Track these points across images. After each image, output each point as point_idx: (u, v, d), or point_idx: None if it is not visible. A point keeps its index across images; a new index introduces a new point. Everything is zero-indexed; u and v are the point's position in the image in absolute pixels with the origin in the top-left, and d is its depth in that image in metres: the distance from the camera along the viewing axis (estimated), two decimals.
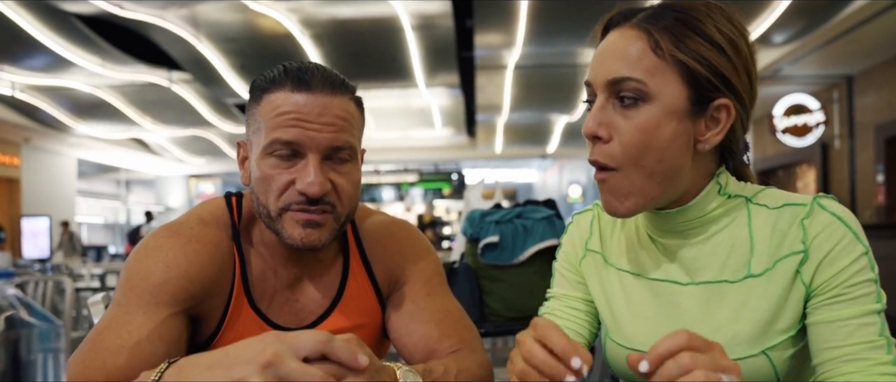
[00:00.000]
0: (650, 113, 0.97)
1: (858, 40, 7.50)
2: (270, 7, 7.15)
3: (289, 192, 1.13)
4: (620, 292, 1.14)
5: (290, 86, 1.14)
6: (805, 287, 0.98)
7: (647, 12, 1.00)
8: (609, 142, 0.99)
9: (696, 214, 1.04)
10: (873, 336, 0.94)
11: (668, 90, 0.97)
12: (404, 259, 1.33)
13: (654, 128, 0.97)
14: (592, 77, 1.01)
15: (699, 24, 0.98)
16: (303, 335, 0.81)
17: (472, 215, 3.14)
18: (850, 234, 0.97)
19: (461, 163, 20.55)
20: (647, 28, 0.98)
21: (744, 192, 1.07)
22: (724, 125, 1.00)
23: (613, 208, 1.02)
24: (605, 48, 1.02)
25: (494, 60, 9.13)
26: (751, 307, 1.00)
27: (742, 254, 1.03)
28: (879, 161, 8.49)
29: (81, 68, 9.04)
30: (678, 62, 0.96)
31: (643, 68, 0.96)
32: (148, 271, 1.12)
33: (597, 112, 1.00)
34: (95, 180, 20.97)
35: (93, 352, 1.04)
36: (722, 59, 0.98)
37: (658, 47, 0.97)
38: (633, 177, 0.99)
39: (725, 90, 0.98)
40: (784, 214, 1.01)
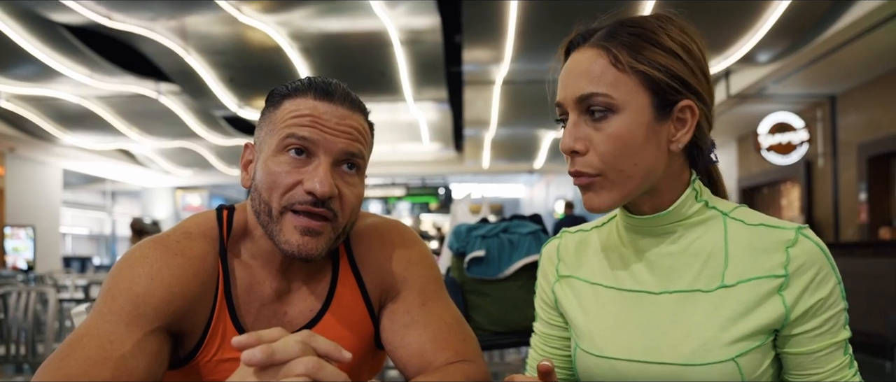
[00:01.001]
0: (620, 122, 1.04)
1: (842, 60, 7.58)
2: (260, 20, 7.15)
3: (295, 191, 1.13)
4: (595, 304, 1.17)
5: (312, 94, 1.17)
6: (785, 308, 1.03)
7: (604, 31, 1.08)
8: (586, 154, 1.06)
9: (675, 218, 1.10)
10: (840, 359, 1.05)
11: (633, 99, 1.04)
12: (397, 265, 1.31)
13: (627, 135, 1.04)
14: (562, 97, 1.09)
15: (652, 36, 1.06)
16: (287, 346, 0.82)
17: (458, 229, 3.15)
18: (828, 265, 1.05)
19: (448, 178, 20.56)
20: (605, 45, 1.05)
21: (721, 207, 1.13)
22: (691, 124, 1.07)
23: (594, 204, 1.08)
24: (569, 69, 1.09)
25: (482, 75, 9.16)
26: (722, 316, 1.05)
27: (716, 265, 1.08)
28: (862, 179, 8.57)
29: (69, 78, 8.99)
30: (638, 72, 1.04)
31: (607, 82, 1.04)
32: (131, 281, 1.11)
33: (571, 129, 1.07)
34: (81, 191, 20.85)
35: (72, 359, 1.01)
36: (678, 63, 1.05)
37: (618, 61, 1.04)
38: (613, 179, 1.06)
39: (686, 92, 1.06)
40: (763, 234, 1.07)
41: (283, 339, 0.83)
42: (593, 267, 1.20)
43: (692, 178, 1.11)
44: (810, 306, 1.03)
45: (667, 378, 1.06)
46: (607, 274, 1.18)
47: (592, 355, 1.14)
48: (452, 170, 17.87)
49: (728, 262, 1.07)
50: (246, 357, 0.79)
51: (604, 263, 1.19)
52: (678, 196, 1.10)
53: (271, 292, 1.23)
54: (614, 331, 1.13)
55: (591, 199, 1.08)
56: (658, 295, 1.10)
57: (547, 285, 1.27)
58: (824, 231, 9.53)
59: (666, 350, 1.07)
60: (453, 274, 3.11)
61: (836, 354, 1.04)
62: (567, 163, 1.10)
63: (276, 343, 0.82)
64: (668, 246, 1.11)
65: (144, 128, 12.36)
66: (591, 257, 1.22)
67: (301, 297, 1.25)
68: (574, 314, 1.20)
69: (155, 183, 19.26)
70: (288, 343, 0.82)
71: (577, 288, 1.21)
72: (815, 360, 1.04)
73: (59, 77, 8.97)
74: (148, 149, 14.98)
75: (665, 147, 1.07)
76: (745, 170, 11.63)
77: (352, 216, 1.20)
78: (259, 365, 0.80)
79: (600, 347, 1.13)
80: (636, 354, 1.09)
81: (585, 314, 1.18)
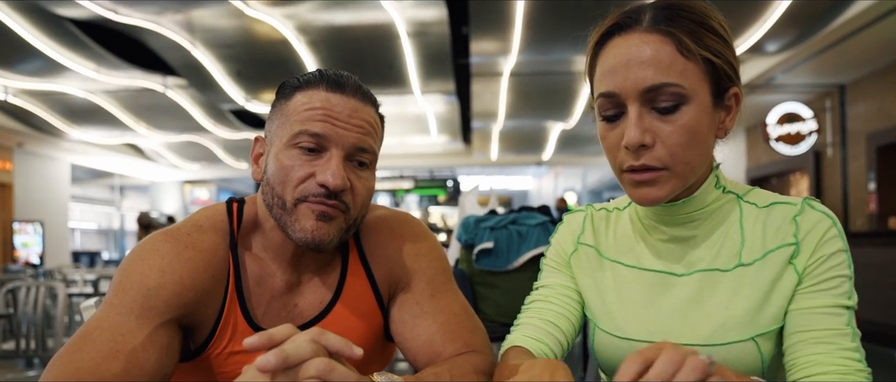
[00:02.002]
0: (691, 113, 1.00)
1: (851, 50, 7.54)
2: (266, 13, 7.15)
3: (307, 183, 1.13)
4: (612, 283, 1.17)
5: (324, 86, 1.16)
6: (798, 275, 1.03)
7: (660, 14, 1.02)
8: (653, 147, 1.01)
9: (697, 206, 1.09)
10: (841, 326, 0.99)
11: (700, 88, 1.01)
12: (407, 257, 1.31)
13: (696, 126, 1.01)
14: (619, 87, 1.01)
15: (707, 21, 1.02)
16: (299, 348, 0.82)
17: (466, 221, 3.15)
18: (835, 230, 1.04)
19: (456, 170, 20.54)
20: (670, 31, 1.00)
21: (736, 190, 1.13)
22: (735, 111, 1.08)
23: (652, 197, 1.03)
24: (628, 56, 1.01)
25: (490, 67, 9.14)
26: (742, 294, 1.05)
27: (733, 246, 1.08)
28: (871, 169, 8.53)
29: (76, 73, 9.02)
30: (704, 60, 1.00)
31: (677, 72, 0.99)
32: (143, 274, 1.11)
33: (637, 121, 1.00)
34: (89, 185, 20.92)
35: (83, 352, 1.01)
36: (728, 50, 1.04)
37: (686, 49, 0.99)
38: (678, 171, 1.02)
39: (736, 78, 1.06)
40: (773, 212, 1.08)
41: (295, 339, 0.83)
42: (615, 245, 1.20)
43: (715, 164, 1.12)
44: (813, 261, 1.02)
45: None
46: (629, 253, 1.17)
47: (613, 335, 1.14)
48: (461, 162, 17.85)
49: (744, 242, 1.07)
50: (260, 364, 0.78)
51: (626, 243, 1.19)
52: (701, 183, 1.09)
53: (282, 284, 1.23)
54: (635, 312, 1.13)
55: (650, 193, 1.03)
56: (679, 277, 1.11)
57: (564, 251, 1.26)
58: None
59: (686, 330, 1.07)
60: (462, 265, 3.11)
61: (837, 319, 0.99)
62: (621, 157, 1.04)
63: (287, 345, 0.81)
64: (689, 230, 1.11)
65: (152, 122, 12.38)
66: (614, 235, 1.21)
67: (311, 289, 1.25)
68: (589, 293, 1.20)
69: (163, 177, 19.31)
70: (300, 344, 0.82)
71: (596, 268, 1.21)
72: (813, 317, 1.00)
73: (65, 72, 8.99)
74: (156, 144, 15.02)
75: (715, 135, 1.06)
76: (753, 161, 11.58)
77: (363, 208, 1.20)
78: (273, 370, 0.80)
79: (621, 328, 1.13)
80: (656, 335, 1.09)
81: (602, 293, 1.18)
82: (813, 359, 0.97)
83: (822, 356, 0.97)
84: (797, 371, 0.98)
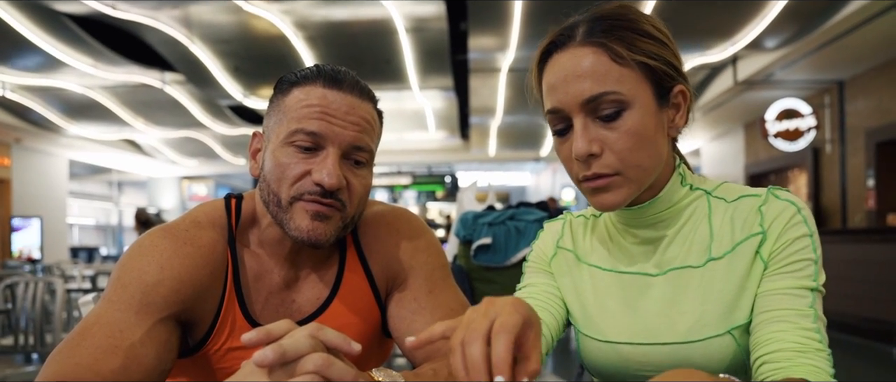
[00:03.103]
0: (634, 117, 1.02)
1: (850, 46, 7.54)
2: (264, 9, 7.14)
3: (303, 182, 1.13)
4: (590, 286, 1.19)
5: (321, 82, 1.16)
6: (764, 262, 1.05)
7: (590, 27, 1.05)
8: (602, 155, 1.03)
9: (664, 206, 1.12)
10: (803, 306, 1.00)
11: (640, 92, 1.03)
12: (404, 252, 1.31)
13: (641, 129, 1.03)
14: (562, 103, 1.04)
15: (638, 25, 1.05)
16: (298, 343, 0.82)
17: (465, 217, 3.15)
18: (799, 216, 1.05)
19: (454, 166, 20.54)
20: (601, 42, 1.03)
21: (704, 186, 1.15)
22: (684, 108, 1.09)
23: (609, 202, 1.06)
24: (565, 72, 1.04)
25: (488, 63, 9.14)
26: (715, 289, 1.07)
27: (703, 241, 1.10)
28: (870, 165, 8.53)
29: (73, 68, 9.00)
30: (639, 64, 1.02)
31: (614, 80, 1.01)
32: (141, 270, 1.11)
33: (583, 132, 1.03)
34: (87, 181, 20.91)
35: (82, 348, 1.01)
36: (665, 49, 1.06)
37: (618, 56, 1.01)
38: (630, 175, 1.04)
39: (678, 76, 1.07)
40: (740, 205, 1.10)
41: (293, 335, 0.83)
42: (592, 249, 1.22)
43: (677, 163, 1.14)
44: (778, 246, 1.03)
45: (668, 357, 1.07)
46: (605, 257, 1.19)
47: (596, 340, 1.15)
48: (458, 158, 17.86)
49: (713, 237, 1.09)
50: (258, 359, 0.78)
51: (602, 248, 1.21)
52: (666, 182, 1.11)
53: (280, 280, 1.24)
54: (614, 315, 1.14)
55: (607, 199, 1.05)
56: (654, 277, 1.12)
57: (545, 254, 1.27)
58: (832, 217, 9.51)
59: (664, 330, 1.08)
60: (460, 261, 3.11)
61: (800, 300, 1.00)
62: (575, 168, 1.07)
63: (285, 340, 0.81)
64: (660, 230, 1.13)
65: (150, 117, 12.37)
66: (591, 240, 1.23)
67: (309, 285, 1.25)
68: (569, 295, 1.22)
69: (161, 173, 19.30)
70: (298, 339, 0.82)
71: (574, 272, 1.22)
72: (775, 298, 1.01)
73: (63, 67, 8.98)
74: (154, 139, 15.01)
75: (666, 134, 1.08)
76: (752, 157, 11.59)
77: (360, 206, 1.20)
78: (271, 365, 0.80)
79: (603, 331, 1.14)
80: (637, 336, 1.11)
81: (581, 296, 1.19)
82: (773, 336, 0.97)
83: (782, 333, 0.97)
84: (758, 348, 0.98)
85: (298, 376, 0.80)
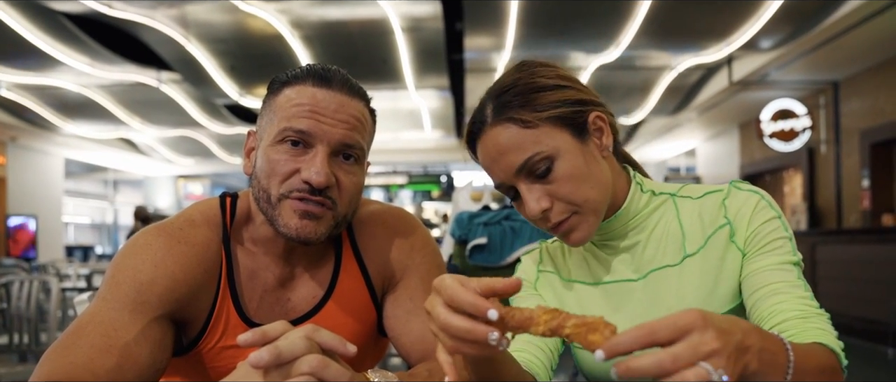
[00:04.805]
0: (565, 164, 1.09)
1: (845, 46, 7.55)
2: (260, 8, 7.13)
3: (292, 179, 1.14)
4: (575, 302, 1.23)
5: (311, 81, 1.17)
6: (740, 249, 1.12)
7: (495, 106, 1.12)
8: (552, 206, 1.10)
9: (631, 215, 1.18)
10: (793, 279, 1.06)
11: (559, 141, 1.09)
12: (400, 252, 1.31)
13: (576, 170, 1.09)
14: (501, 178, 1.13)
15: (535, 82, 1.12)
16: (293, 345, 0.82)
17: (460, 217, 3.15)
18: (764, 202, 1.13)
19: (450, 166, 20.53)
20: (507, 116, 1.10)
21: (668, 190, 1.22)
22: (606, 128, 1.15)
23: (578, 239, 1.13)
24: (490, 153, 1.12)
25: (484, 63, 9.14)
26: (693, 283, 1.13)
27: (676, 240, 1.17)
28: (865, 166, 8.55)
29: (69, 67, 8.98)
30: (546, 120, 1.09)
31: (531, 143, 1.08)
32: (136, 268, 1.11)
33: (528, 194, 1.10)
34: (83, 180, 20.85)
35: (76, 347, 1.02)
36: (567, 91, 1.12)
37: (527, 123, 1.08)
38: (586, 210, 1.11)
39: (587, 106, 1.13)
40: (707, 201, 1.17)
41: (288, 336, 0.83)
42: (573, 268, 1.26)
43: (632, 174, 1.21)
44: (751, 232, 1.11)
45: None
46: (586, 273, 1.24)
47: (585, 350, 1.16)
48: (454, 157, 17.83)
49: (685, 234, 1.16)
50: (253, 360, 0.79)
51: (582, 265, 1.25)
52: (625, 194, 1.18)
53: (274, 279, 1.24)
54: None
55: (575, 237, 1.12)
56: (636, 282, 1.18)
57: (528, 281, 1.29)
58: (827, 218, 9.52)
59: None
60: (455, 261, 3.11)
61: (788, 273, 1.06)
62: (539, 223, 1.14)
63: (281, 342, 0.81)
64: (632, 237, 1.19)
65: (146, 116, 12.34)
66: (570, 259, 1.28)
67: (304, 284, 1.25)
68: None
69: (157, 172, 19.26)
70: (293, 341, 0.82)
71: (559, 290, 1.26)
72: (764, 274, 1.07)
73: (59, 66, 8.96)
74: (149, 138, 14.97)
75: (600, 158, 1.14)
76: (747, 157, 11.61)
77: (352, 204, 1.20)
78: (267, 367, 0.80)
79: None
80: None
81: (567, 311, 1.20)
82: (774, 308, 1.02)
83: (783, 303, 1.02)
84: (763, 323, 1.02)
85: (294, 377, 0.81)
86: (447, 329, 0.78)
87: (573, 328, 0.74)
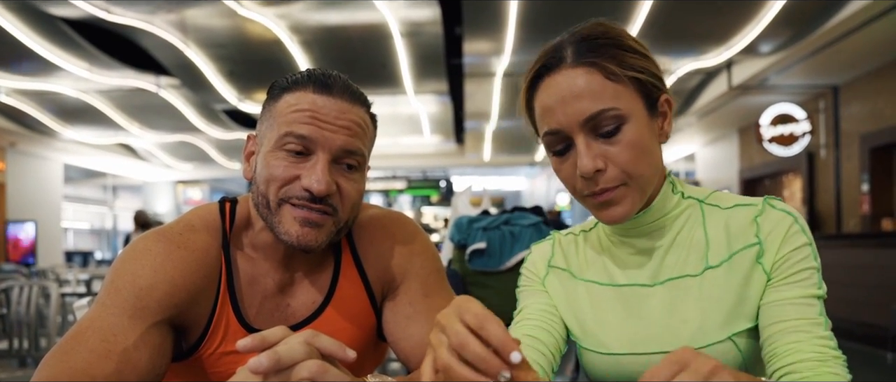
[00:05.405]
0: (633, 130, 1.05)
1: (844, 51, 7.56)
2: (259, 13, 7.14)
3: (292, 186, 1.13)
4: (587, 301, 1.19)
5: (311, 87, 1.16)
6: (766, 273, 1.07)
7: (579, 48, 1.06)
8: (606, 169, 1.05)
9: (658, 215, 1.14)
10: (814, 315, 1.03)
11: (634, 105, 1.06)
12: (399, 257, 1.30)
13: (640, 140, 1.05)
14: (561, 123, 1.06)
15: (626, 42, 1.08)
16: (292, 350, 0.81)
17: (459, 221, 3.15)
18: (796, 226, 1.07)
19: (449, 171, 20.54)
20: (594, 61, 1.05)
21: (697, 195, 1.18)
22: (669, 115, 1.13)
23: (618, 215, 1.08)
24: (562, 93, 1.05)
25: (483, 68, 9.15)
26: (714, 296, 1.09)
27: (699, 250, 1.12)
28: (864, 170, 8.56)
29: (68, 72, 8.98)
30: (630, 79, 1.06)
31: (610, 96, 1.04)
32: (135, 274, 1.11)
33: (586, 150, 1.04)
34: (82, 185, 20.85)
35: (75, 353, 1.01)
36: (649, 62, 1.09)
37: (612, 74, 1.04)
38: (635, 185, 1.07)
39: (662, 86, 1.11)
40: (736, 213, 1.12)
41: (288, 341, 0.83)
42: (586, 266, 1.23)
43: (667, 172, 1.17)
44: (780, 258, 1.06)
45: None
46: (600, 272, 1.20)
47: (597, 352, 1.16)
48: (453, 162, 17.86)
49: (709, 244, 1.12)
50: (253, 366, 0.78)
51: (596, 262, 1.22)
52: (658, 190, 1.14)
53: (274, 284, 1.23)
54: (614, 328, 1.15)
55: (615, 212, 1.08)
56: (651, 287, 1.14)
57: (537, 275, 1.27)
58: (826, 222, 9.53)
59: (666, 338, 1.10)
60: (455, 266, 3.11)
61: (809, 308, 1.03)
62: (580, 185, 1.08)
63: (280, 347, 0.81)
64: (654, 240, 1.15)
65: (145, 122, 12.35)
66: (584, 256, 1.24)
67: (303, 289, 1.25)
68: (566, 314, 1.22)
69: (156, 177, 19.26)
70: (293, 347, 0.81)
71: (570, 288, 1.22)
72: (786, 308, 1.03)
73: (58, 71, 8.97)
74: (148, 143, 14.98)
75: (657, 142, 1.11)
76: (746, 162, 11.61)
77: (353, 210, 1.20)
78: (266, 372, 0.80)
79: (604, 344, 1.15)
80: (639, 347, 1.12)
81: (579, 312, 1.20)
82: (791, 347, 1.00)
83: (800, 344, 1.00)
84: (777, 360, 1.00)
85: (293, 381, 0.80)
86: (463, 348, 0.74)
87: None
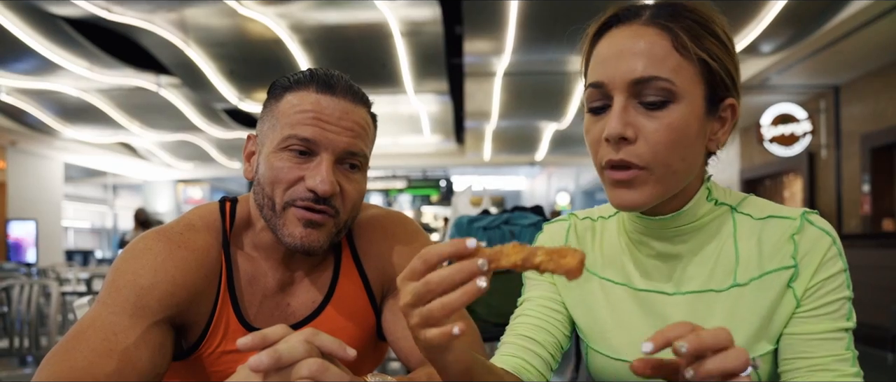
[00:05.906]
0: (678, 112, 0.95)
1: (845, 51, 7.55)
2: (260, 12, 7.14)
3: (297, 188, 1.13)
4: (603, 301, 1.12)
5: (314, 87, 1.16)
6: (796, 300, 0.99)
7: (660, 10, 0.98)
8: (635, 143, 0.96)
9: (687, 220, 1.04)
10: (841, 350, 0.97)
11: (692, 89, 0.96)
12: (399, 257, 1.30)
13: (683, 127, 0.96)
14: (608, 77, 0.97)
15: (710, 24, 0.99)
16: (293, 348, 0.81)
17: (459, 221, 3.15)
18: (835, 249, 1.00)
19: (449, 170, 20.54)
20: (668, 26, 0.96)
21: (728, 200, 1.08)
22: (730, 124, 1.02)
23: (628, 201, 0.99)
24: (620, 47, 0.97)
25: (483, 67, 9.14)
26: (740, 317, 1.01)
27: (728, 264, 1.03)
28: (865, 171, 8.55)
29: (69, 71, 8.98)
30: (699, 60, 0.96)
31: (670, 67, 0.95)
32: (136, 273, 1.11)
33: (620, 113, 0.95)
34: (82, 184, 20.86)
35: (76, 351, 1.02)
36: (729, 58, 1.00)
37: (682, 46, 0.95)
38: (658, 174, 0.97)
39: (733, 89, 1.01)
40: (769, 226, 1.03)
41: (288, 340, 0.83)
42: (602, 259, 1.15)
43: (706, 177, 1.07)
44: (813, 285, 0.98)
45: None
46: (618, 270, 1.12)
47: (606, 356, 1.11)
48: (454, 162, 17.86)
49: (739, 260, 1.03)
50: (253, 364, 0.78)
51: (613, 257, 1.14)
52: (692, 195, 1.04)
53: (274, 284, 1.23)
54: (629, 333, 1.09)
55: (627, 197, 0.98)
56: (671, 296, 1.06)
57: None
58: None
59: None
60: None
61: (836, 344, 0.96)
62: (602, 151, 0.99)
63: (281, 345, 0.81)
64: (678, 246, 1.06)
65: (145, 121, 12.34)
66: (601, 248, 1.16)
67: (303, 289, 1.25)
68: (576, 309, 1.16)
69: (156, 176, 19.26)
70: (293, 345, 0.82)
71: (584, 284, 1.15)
72: (813, 344, 0.97)
73: (59, 70, 8.96)
74: (149, 143, 14.97)
75: (704, 145, 1.01)
76: (747, 162, 11.61)
77: (353, 211, 1.20)
78: (266, 371, 0.80)
79: (615, 349, 1.10)
80: None
81: (592, 310, 1.13)
82: None
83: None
84: None
85: (293, 381, 0.81)
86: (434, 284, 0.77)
87: (545, 255, 0.76)
